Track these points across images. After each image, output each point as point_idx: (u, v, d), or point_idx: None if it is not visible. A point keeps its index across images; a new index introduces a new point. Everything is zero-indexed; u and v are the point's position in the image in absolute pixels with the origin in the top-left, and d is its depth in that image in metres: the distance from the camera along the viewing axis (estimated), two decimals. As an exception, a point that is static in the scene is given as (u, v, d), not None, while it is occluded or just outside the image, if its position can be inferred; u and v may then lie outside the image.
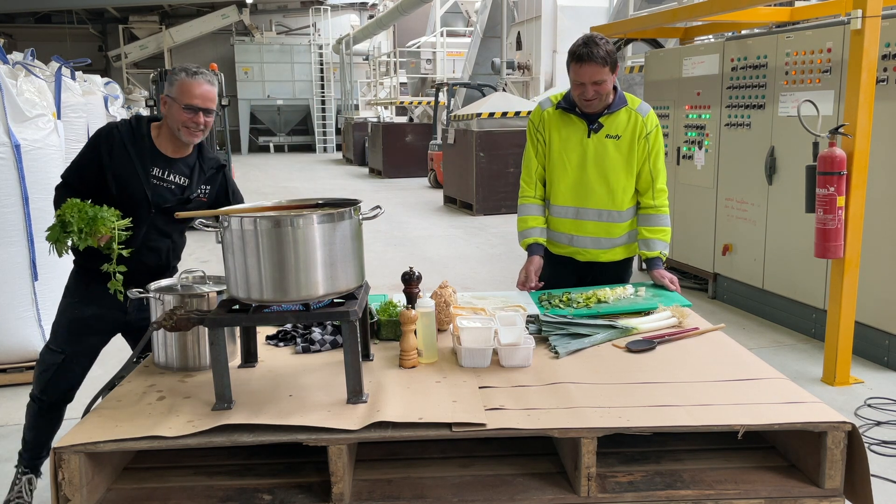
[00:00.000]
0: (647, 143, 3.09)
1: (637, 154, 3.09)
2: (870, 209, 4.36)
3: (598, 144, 3.08)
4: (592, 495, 1.89)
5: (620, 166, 3.09)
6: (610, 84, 2.98)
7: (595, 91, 2.94)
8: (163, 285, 2.45)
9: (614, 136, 3.07)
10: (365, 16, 27.93)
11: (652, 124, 3.11)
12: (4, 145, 4.28)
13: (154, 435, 1.86)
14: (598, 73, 2.90)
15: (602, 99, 3.00)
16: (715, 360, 2.35)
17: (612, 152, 3.08)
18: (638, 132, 3.08)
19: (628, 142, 3.07)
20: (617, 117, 3.09)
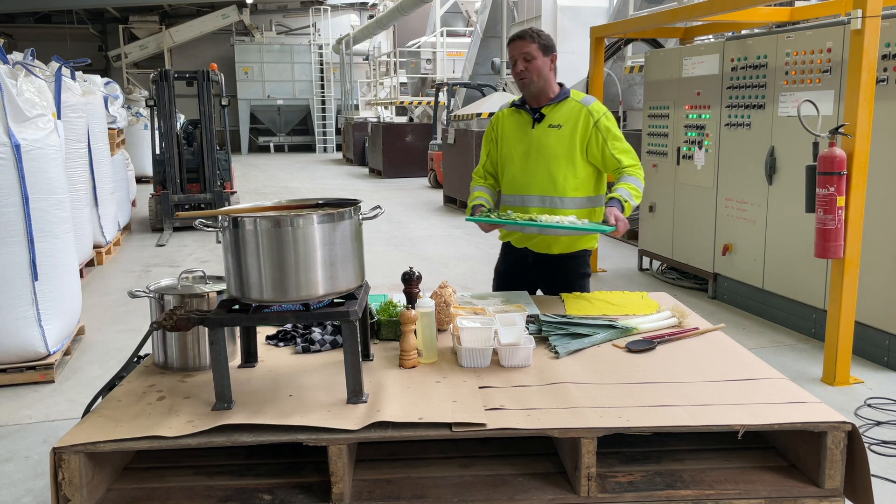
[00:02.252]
0: (597, 131, 3.21)
1: (591, 142, 3.21)
2: (870, 209, 4.36)
3: (541, 134, 3.25)
4: (592, 495, 1.89)
5: (561, 154, 3.22)
6: (540, 63, 3.18)
7: (525, 66, 3.17)
8: (163, 285, 2.45)
9: (556, 126, 3.23)
10: (365, 16, 27.92)
11: (598, 112, 3.24)
12: (4, 145, 4.28)
13: (154, 435, 1.86)
14: (525, 47, 3.16)
15: (534, 79, 3.18)
16: (715, 360, 2.35)
17: (553, 141, 3.23)
18: (583, 122, 3.21)
19: (570, 131, 3.21)
20: (559, 108, 3.25)
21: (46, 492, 3.15)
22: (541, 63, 3.19)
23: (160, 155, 9.93)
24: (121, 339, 5.35)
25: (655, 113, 6.91)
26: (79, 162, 6.85)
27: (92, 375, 4.66)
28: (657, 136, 6.91)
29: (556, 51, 3.28)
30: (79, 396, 4.29)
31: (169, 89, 9.66)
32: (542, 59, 3.19)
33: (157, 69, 10.18)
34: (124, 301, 6.22)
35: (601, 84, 7.17)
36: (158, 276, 7.13)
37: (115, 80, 13.66)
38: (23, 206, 4.36)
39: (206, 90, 9.90)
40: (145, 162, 14.57)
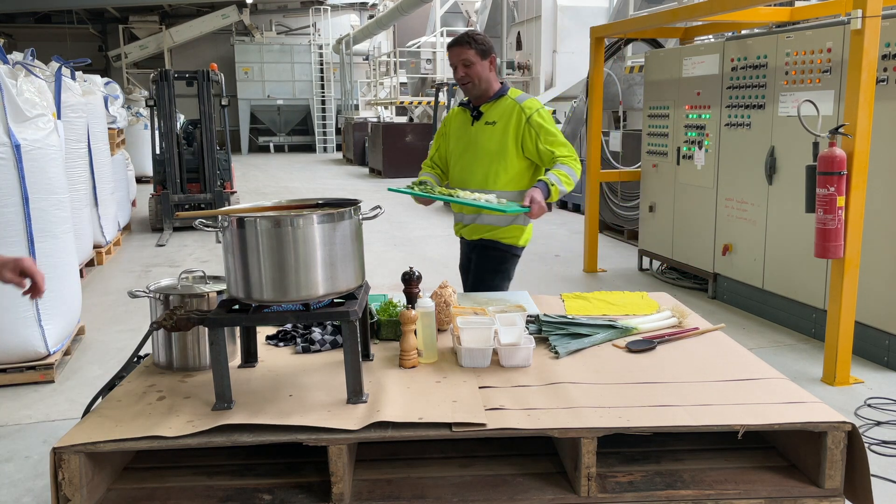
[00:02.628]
0: (529, 126, 3.31)
1: (525, 138, 3.32)
2: (870, 209, 4.36)
3: (479, 131, 3.40)
4: (592, 495, 1.89)
5: (494, 149, 3.35)
6: (479, 68, 3.31)
7: (465, 72, 3.30)
8: (163, 285, 2.45)
9: (491, 123, 3.37)
10: (365, 16, 27.90)
11: (530, 109, 3.34)
12: (4, 145, 4.28)
13: (154, 435, 1.86)
14: (463, 53, 3.28)
15: (475, 83, 3.33)
16: (715, 360, 2.35)
17: (487, 137, 3.37)
18: (516, 119, 3.33)
19: (503, 128, 3.33)
20: (496, 106, 3.38)
21: (46, 492, 3.15)
22: (479, 67, 3.31)
23: (160, 155, 9.93)
24: (121, 339, 5.35)
25: (655, 113, 6.91)
26: (79, 162, 6.85)
27: (92, 375, 4.66)
28: (657, 136, 6.91)
29: (494, 52, 3.38)
30: (79, 396, 4.29)
31: (169, 89, 9.66)
32: (481, 64, 3.32)
33: (157, 69, 10.17)
34: (124, 301, 6.22)
35: (601, 84, 7.17)
36: (158, 276, 7.13)
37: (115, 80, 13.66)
38: (23, 206, 4.36)
39: (206, 90, 9.90)
40: (145, 162, 14.57)
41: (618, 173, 7.93)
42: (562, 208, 11.67)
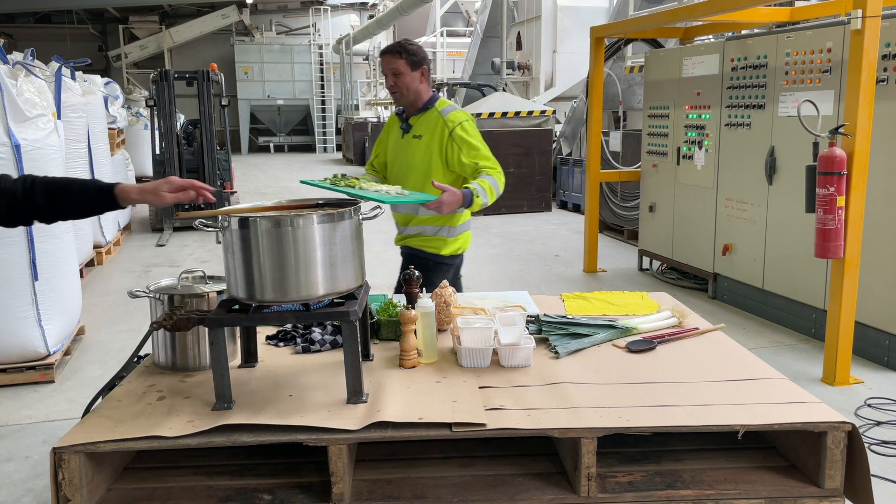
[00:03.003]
0: (452, 141, 3.30)
1: (448, 152, 3.30)
2: (870, 209, 4.36)
3: (407, 144, 3.40)
4: (592, 495, 1.89)
5: (419, 162, 3.35)
6: (408, 78, 3.30)
7: (394, 81, 3.30)
8: (163, 285, 2.45)
9: (418, 137, 3.36)
10: (365, 16, 27.90)
11: (453, 122, 3.31)
12: (4, 145, 4.28)
13: (154, 435, 1.86)
14: (393, 63, 3.28)
15: (403, 93, 3.32)
16: (715, 360, 2.35)
17: (414, 150, 3.37)
18: (439, 132, 3.32)
19: (428, 141, 3.32)
20: (423, 118, 3.38)
21: (46, 492, 3.15)
22: (409, 78, 3.30)
23: (160, 155, 9.93)
24: (121, 339, 5.35)
25: (655, 113, 6.91)
26: (79, 162, 6.85)
27: (92, 375, 4.66)
28: (657, 136, 6.91)
29: (426, 63, 3.36)
30: (79, 396, 4.29)
31: (169, 89, 9.66)
32: (411, 75, 3.30)
33: (157, 69, 10.18)
34: (124, 301, 6.22)
35: (601, 84, 7.17)
36: (158, 276, 7.13)
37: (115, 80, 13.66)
38: (23, 206, 4.35)
39: (206, 90, 9.90)
40: (145, 162, 14.55)
41: (618, 173, 7.93)
42: (562, 208, 11.68)
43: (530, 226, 10.22)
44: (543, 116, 11.44)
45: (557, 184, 11.81)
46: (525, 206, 11.37)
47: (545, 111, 11.55)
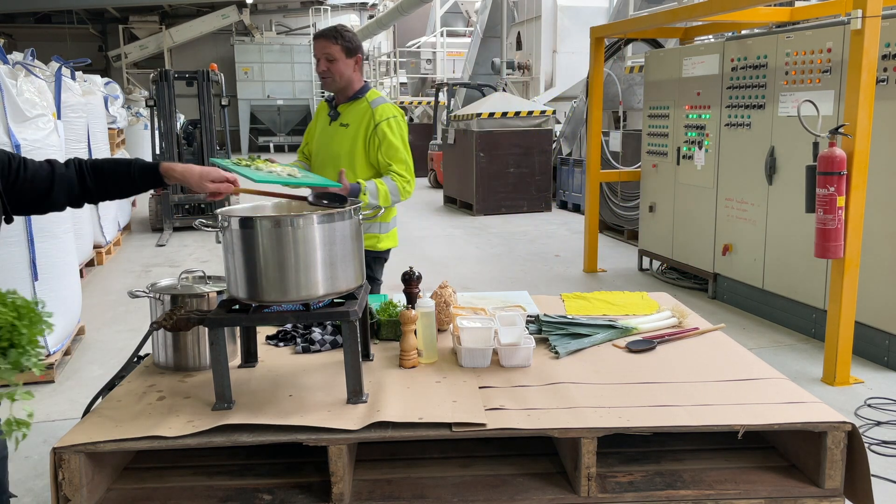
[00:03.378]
0: (375, 134, 3.28)
1: (369, 144, 3.29)
2: (870, 209, 4.36)
3: (333, 132, 3.35)
4: (592, 495, 1.89)
5: (345, 152, 3.30)
6: (342, 65, 3.24)
7: (327, 66, 3.23)
8: (163, 285, 2.45)
9: (345, 125, 3.32)
10: (365, 16, 27.92)
11: (382, 116, 3.29)
12: (4, 145, 4.28)
13: (154, 435, 1.86)
14: (328, 47, 3.20)
15: (335, 79, 3.26)
16: (715, 360, 2.35)
17: (339, 140, 3.32)
18: (366, 123, 3.29)
19: (354, 130, 3.29)
20: (352, 107, 3.34)
21: (46, 492, 3.15)
22: (343, 65, 3.24)
23: (160, 155, 9.93)
24: (121, 339, 5.35)
25: (655, 113, 6.91)
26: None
27: (92, 375, 4.66)
28: (657, 136, 6.91)
29: (361, 52, 3.32)
30: (79, 396, 4.29)
31: (169, 89, 9.66)
32: (345, 61, 3.25)
33: (157, 69, 10.18)
34: (124, 301, 6.22)
35: (601, 84, 7.17)
36: (158, 276, 7.13)
37: (115, 80, 13.65)
38: (23, 206, 4.36)
39: (206, 90, 9.90)
40: (145, 162, 14.53)
41: (618, 173, 7.93)
42: (562, 208, 11.68)
43: (530, 226, 10.22)
44: (543, 116, 11.44)
45: (557, 184, 11.81)
46: (525, 206, 11.37)
47: (545, 111, 11.55)
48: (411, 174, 3.29)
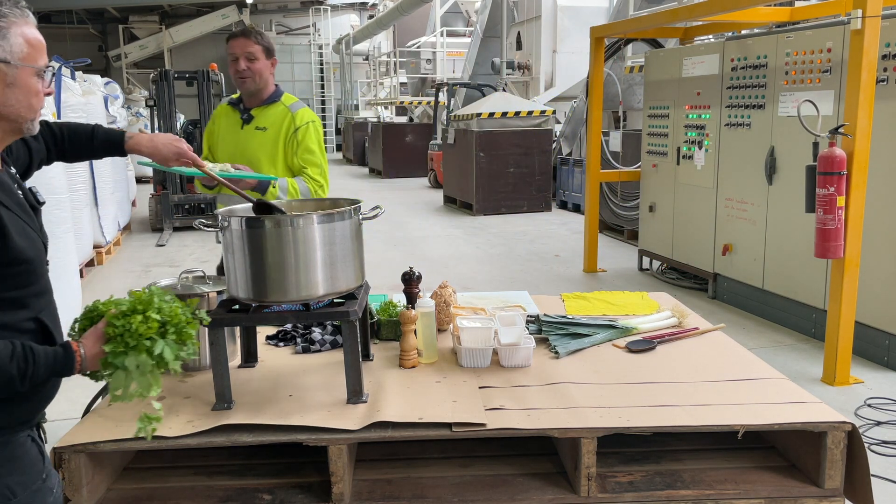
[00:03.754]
0: (294, 138, 3.24)
1: (287, 148, 3.24)
2: (870, 209, 4.36)
3: (248, 136, 3.27)
4: (592, 495, 1.89)
5: (265, 155, 3.24)
6: (262, 65, 3.19)
7: (247, 66, 3.16)
8: (163, 285, 2.45)
9: (262, 128, 3.25)
10: (365, 16, 27.91)
11: (301, 120, 3.26)
12: (4, 145, 4.28)
13: (154, 435, 1.86)
14: (249, 46, 3.15)
15: (255, 79, 3.19)
16: (715, 360, 2.35)
17: (259, 142, 3.26)
18: (286, 127, 3.24)
19: (274, 134, 3.23)
20: (268, 111, 3.27)
21: (46, 492, 3.15)
22: (262, 65, 3.20)
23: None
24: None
25: (655, 113, 6.91)
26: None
27: (92, 375, 4.65)
28: (657, 136, 6.91)
29: (275, 55, 3.30)
30: (79, 396, 4.28)
31: (169, 89, 9.66)
32: (265, 62, 3.21)
33: (157, 69, 10.18)
34: (124, 301, 6.21)
35: (601, 84, 7.17)
36: (158, 276, 7.13)
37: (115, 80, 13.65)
38: (23, 206, 4.36)
39: (206, 90, 9.91)
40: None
41: (618, 173, 7.93)
42: (562, 208, 11.68)
43: (530, 226, 10.22)
44: (543, 116, 11.44)
45: (557, 184, 11.81)
46: (525, 206, 11.38)
47: (545, 111, 11.56)
48: (325, 179, 3.27)
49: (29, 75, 1.49)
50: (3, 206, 1.44)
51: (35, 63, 1.50)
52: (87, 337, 1.59)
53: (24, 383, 1.44)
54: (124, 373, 1.55)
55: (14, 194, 1.54)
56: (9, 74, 1.46)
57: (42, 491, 1.53)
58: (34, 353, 1.44)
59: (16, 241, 1.44)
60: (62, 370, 1.51)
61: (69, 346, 1.53)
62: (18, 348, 1.42)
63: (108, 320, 1.59)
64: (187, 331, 1.66)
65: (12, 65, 1.46)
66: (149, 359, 1.57)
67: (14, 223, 1.45)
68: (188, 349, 1.67)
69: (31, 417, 1.54)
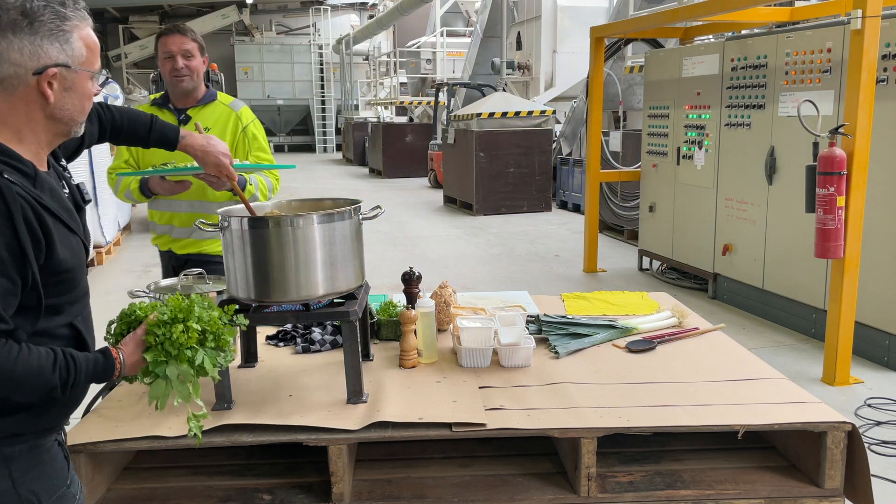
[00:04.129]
0: (245, 136, 3.18)
1: (239, 147, 3.16)
2: (870, 209, 4.36)
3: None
4: (592, 495, 1.89)
5: None
6: (199, 63, 3.08)
7: (185, 63, 3.03)
8: (162, 285, 2.45)
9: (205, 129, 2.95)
10: (365, 16, 27.92)
11: (247, 118, 3.22)
12: (4, 145, 4.28)
13: (154, 435, 1.86)
14: (186, 43, 3.02)
15: (192, 78, 3.06)
16: (715, 360, 2.35)
17: None
18: (232, 126, 3.17)
19: (219, 134, 3.11)
20: (206, 110, 3.17)
21: (46, 492, 3.14)
22: (198, 63, 3.10)
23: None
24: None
25: (655, 113, 6.91)
26: (78, 162, 6.85)
27: (92, 375, 4.65)
28: (657, 136, 6.91)
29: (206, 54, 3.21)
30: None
31: (169, 89, 9.65)
32: (199, 60, 3.10)
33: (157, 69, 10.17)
34: (124, 301, 6.19)
35: (601, 84, 7.17)
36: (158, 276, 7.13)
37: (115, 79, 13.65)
38: (23, 206, 4.35)
39: (206, 90, 9.89)
40: (145, 162, 14.54)
41: (618, 173, 7.93)
42: (562, 208, 11.68)
43: (530, 226, 10.22)
44: (543, 116, 11.45)
45: (557, 184, 11.82)
46: (525, 206, 11.38)
47: (545, 111, 11.56)
48: (278, 173, 3.24)
49: (86, 79, 1.47)
50: (50, 214, 1.42)
51: (92, 67, 1.48)
52: (126, 343, 1.57)
53: (65, 391, 1.43)
54: (164, 381, 1.56)
55: (61, 197, 1.51)
56: (68, 79, 1.44)
57: (66, 497, 1.52)
58: (75, 360, 1.43)
59: (59, 253, 1.41)
60: (102, 377, 1.50)
61: (109, 353, 1.52)
62: (60, 356, 1.40)
63: (149, 328, 1.58)
64: (225, 337, 1.66)
65: (72, 69, 1.44)
66: (190, 368, 1.58)
67: (59, 233, 1.43)
68: (226, 356, 1.67)
69: (59, 423, 1.53)
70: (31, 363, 1.35)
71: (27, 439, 1.45)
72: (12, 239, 1.32)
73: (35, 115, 1.43)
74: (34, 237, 1.35)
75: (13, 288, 1.33)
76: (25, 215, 1.34)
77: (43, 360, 1.37)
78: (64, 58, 1.42)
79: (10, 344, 1.33)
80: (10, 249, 1.31)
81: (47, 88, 1.41)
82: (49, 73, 1.40)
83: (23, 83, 1.39)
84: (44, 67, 1.39)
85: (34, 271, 1.36)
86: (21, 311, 1.37)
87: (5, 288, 1.31)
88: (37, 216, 1.37)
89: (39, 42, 1.39)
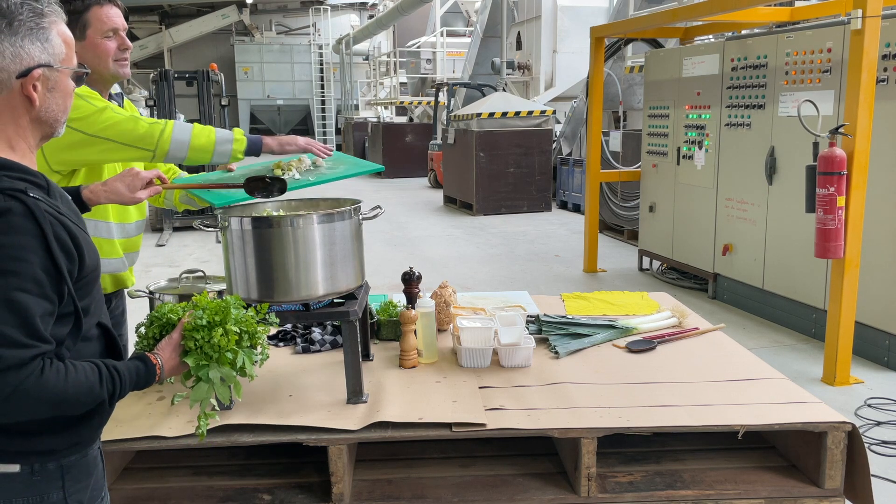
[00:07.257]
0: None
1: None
2: (870, 209, 4.36)
3: None
4: (592, 495, 1.89)
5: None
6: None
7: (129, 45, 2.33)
8: (163, 285, 2.45)
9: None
10: (365, 16, 27.91)
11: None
12: (4, 145, 4.28)
13: (154, 435, 1.86)
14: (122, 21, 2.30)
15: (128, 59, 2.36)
16: (715, 360, 2.35)
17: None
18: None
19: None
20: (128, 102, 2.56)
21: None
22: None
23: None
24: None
25: (655, 113, 6.91)
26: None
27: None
28: (657, 136, 6.91)
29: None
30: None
31: (169, 89, 9.66)
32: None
33: (157, 69, 10.18)
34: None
35: (601, 84, 7.16)
36: (158, 276, 7.13)
37: (115, 80, 13.62)
38: (23, 206, 4.35)
39: (205, 90, 9.91)
40: (145, 162, 14.53)
41: (618, 173, 7.93)
42: (562, 208, 11.68)
43: (530, 226, 10.22)
44: (543, 116, 11.44)
45: (557, 184, 11.81)
46: (525, 206, 11.38)
47: (545, 111, 11.55)
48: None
49: (67, 77, 1.41)
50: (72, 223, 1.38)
51: (71, 64, 1.41)
52: (163, 348, 1.56)
53: (112, 403, 1.43)
54: (207, 384, 1.57)
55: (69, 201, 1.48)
56: (51, 79, 1.38)
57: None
58: (119, 372, 1.42)
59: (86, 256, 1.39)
60: (143, 384, 1.49)
61: (148, 360, 1.51)
62: (104, 370, 1.39)
63: (186, 333, 1.57)
64: (259, 336, 1.66)
65: (54, 68, 1.37)
66: (232, 370, 1.59)
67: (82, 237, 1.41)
68: (262, 354, 1.68)
69: (100, 431, 1.53)
70: (80, 381, 1.34)
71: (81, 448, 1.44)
72: (46, 259, 1.29)
73: (21, 120, 1.37)
74: (67, 254, 1.33)
75: (52, 308, 1.31)
76: (56, 232, 1.31)
77: (90, 376, 1.36)
78: (46, 57, 1.35)
79: (58, 365, 1.31)
80: (45, 270, 1.29)
81: (32, 91, 1.34)
82: (34, 74, 1.33)
83: (6, 88, 1.33)
84: (28, 69, 1.33)
85: (69, 286, 1.34)
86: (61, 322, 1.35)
87: (44, 309, 1.29)
88: (66, 230, 1.34)
89: (21, 43, 1.32)
